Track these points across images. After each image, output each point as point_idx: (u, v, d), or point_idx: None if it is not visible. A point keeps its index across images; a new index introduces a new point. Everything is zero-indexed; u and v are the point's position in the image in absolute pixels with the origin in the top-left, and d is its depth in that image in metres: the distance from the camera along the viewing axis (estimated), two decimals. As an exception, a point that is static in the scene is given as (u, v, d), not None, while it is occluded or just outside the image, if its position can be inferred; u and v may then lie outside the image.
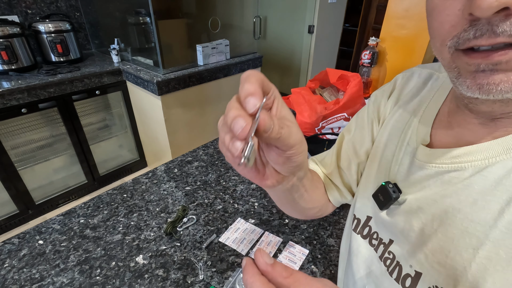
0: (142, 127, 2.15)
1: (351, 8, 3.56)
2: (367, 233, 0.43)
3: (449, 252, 0.30)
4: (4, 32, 1.61)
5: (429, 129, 0.36)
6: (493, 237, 0.26)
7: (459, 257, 0.29)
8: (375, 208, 0.40)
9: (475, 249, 0.28)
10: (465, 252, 0.29)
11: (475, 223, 0.28)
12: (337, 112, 1.10)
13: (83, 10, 2.15)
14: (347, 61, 4.08)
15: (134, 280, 0.61)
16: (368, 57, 1.44)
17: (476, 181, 0.28)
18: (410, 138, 0.38)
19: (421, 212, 0.33)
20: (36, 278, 0.62)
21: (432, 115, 0.37)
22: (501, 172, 0.27)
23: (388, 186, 0.37)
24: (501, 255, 0.26)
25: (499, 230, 0.26)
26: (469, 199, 0.29)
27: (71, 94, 1.75)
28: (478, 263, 0.27)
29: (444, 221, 0.31)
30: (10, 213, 1.79)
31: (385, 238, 0.40)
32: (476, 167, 0.29)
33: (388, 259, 0.39)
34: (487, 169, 0.28)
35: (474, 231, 0.28)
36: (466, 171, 0.29)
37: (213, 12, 2.07)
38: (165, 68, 1.75)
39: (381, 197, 0.38)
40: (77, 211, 0.79)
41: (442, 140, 0.34)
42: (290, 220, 0.77)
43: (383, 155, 0.42)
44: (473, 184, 0.29)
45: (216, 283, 0.61)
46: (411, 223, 0.34)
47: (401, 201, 0.36)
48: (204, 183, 0.90)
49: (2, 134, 1.60)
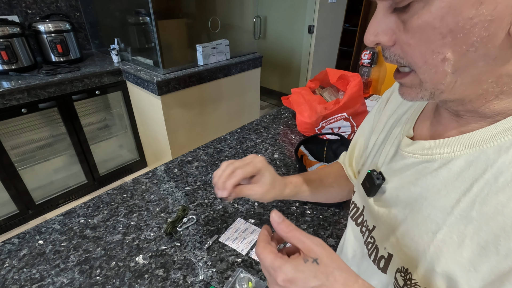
0: (142, 127, 2.15)
1: (351, 8, 3.56)
2: (360, 222, 0.47)
3: (414, 236, 0.33)
4: (4, 32, 1.61)
5: (413, 122, 0.39)
6: (449, 223, 0.30)
7: (421, 240, 0.32)
8: (365, 196, 0.44)
9: (433, 233, 0.31)
10: (426, 236, 0.32)
11: (436, 209, 0.31)
12: (337, 112, 1.09)
13: (83, 10, 2.15)
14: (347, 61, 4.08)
15: (134, 280, 0.61)
16: (368, 57, 1.44)
17: (442, 172, 0.31)
18: (399, 132, 0.41)
19: (398, 199, 0.37)
20: (36, 278, 0.62)
21: (419, 109, 0.40)
22: (463, 165, 0.29)
23: (373, 174, 0.40)
24: (454, 238, 0.29)
25: (454, 217, 0.29)
26: (434, 189, 0.32)
27: (71, 94, 1.75)
28: (435, 246, 0.31)
29: (413, 208, 0.34)
30: (10, 213, 1.79)
31: (370, 225, 0.43)
32: (443, 159, 0.31)
33: (370, 243, 0.42)
34: (452, 161, 0.31)
35: (434, 217, 0.31)
36: (435, 162, 0.32)
37: (213, 12, 2.07)
38: (165, 68, 1.75)
39: (367, 184, 0.42)
40: (77, 211, 0.79)
41: (422, 133, 0.37)
42: (290, 220, 0.77)
43: (379, 148, 0.45)
44: (439, 175, 0.31)
45: (216, 283, 0.61)
46: (390, 210, 0.38)
47: (384, 189, 0.39)
48: (204, 183, 0.90)
49: (2, 134, 1.60)
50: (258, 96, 2.44)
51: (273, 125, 1.25)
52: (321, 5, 2.90)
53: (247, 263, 0.65)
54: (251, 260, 0.66)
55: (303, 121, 1.12)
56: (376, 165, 0.43)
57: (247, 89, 2.29)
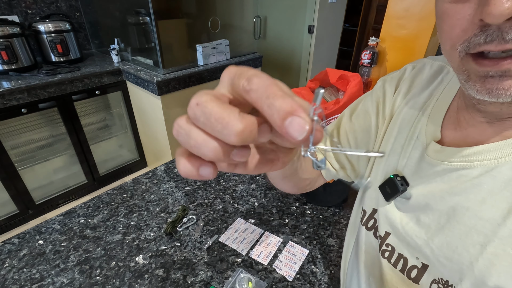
0: (142, 127, 2.15)
1: (351, 8, 3.56)
2: (371, 225, 0.44)
3: (456, 247, 0.31)
4: (4, 32, 1.61)
5: (439, 125, 0.36)
6: (501, 235, 0.27)
7: (466, 252, 0.30)
8: (381, 199, 0.41)
9: (482, 246, 0.29)
10: (472, 248, 0.30)
11: (483, 221, 0.29)
12: (337, 112, 1.09)
13: (83, 10, 2.15)
14: (347, 61, 4.08)
15: (134, 280, 0.61)
16: (368, 57, 1.44)
17: (485, 181, 0.29)
18: (419, 133, 0.38)
19: (428, 208, 0.34)
20: (36, 278, 0.62)
21: (443, 110, 0.37)
22: (510, 173, 0.27)
23: (396, 179, 0.38)
24: (509, 251, 0.27)
25: (507, 228, 0.27)
26: (477, 198, 0.29)
27: (71, 94, 1.75)
28: (485, 259, 0.28)
29: (452, 218, 0.32)
30: (10, 213, 1.79)
31: (382, 230, 0.41)
32: (485, 166, 0.29)
33: (387, 251, 0.40)
34: (496, 169, 0.28)
35: (482, 228, 0.29)
36: (475, 169, 0.30)
37: (213, 12, 2.07)
38: (165, 68, 1.75)
39: (388, 189, 0.39)
40: (77, 211, 0.79)
41: (451, 137, 0.34)
42: (290, 220, 0.77)
43: (392, 148, 0.42)
44: (482, 184, 0.29)
45: (216, 283, 0.61)
46: (419, 218, 0.35)
47: (408, 195, 0.37)
48: (204, 183, 0.90)
49: (2, 134, 1.60)
50: (258, 96, 2.44)
51: (273, 125, 1.25)
52: (321, 5, 2.90)
53: (247, 263, 0.65)
54: (251, 260, 0.66)
55: (303, 121, 1.11)
56: (394, 167, 0.40)
57: (247, 89, 2.29)
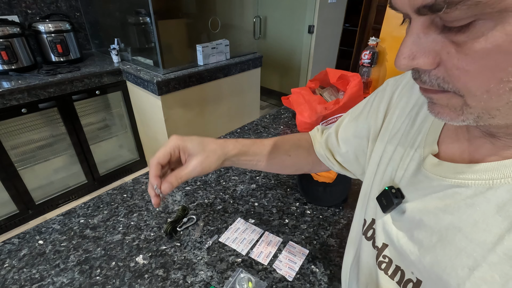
0: (142, 127, 2.16)
1: (351, 8, 3.56)
2: (370, 235, 0.44)
3: (445, 268, 0.30)
4: (4, 32, 1.62)
5: (436, 137, 0.36)
6: (490, 261, 0.27)
7: (455, 274, 0.29)
8: (379, 210, 0.41)
9: (471, 269, 0.28)
10: (461, 271, 0.29)
11: (474, 244, 0.28)
12: (337, 112, 1.10)
13: (83, 10, 2.15)
14: (347, 61, 4.08)
15: (134, 280, 0.61)
16: (368, 57, 1.44)
17: (478, 202, 0.28)
18: (418, 145, 0.37)
19: (422, 224, 0.34)
20: (36, 278, 0.62)
21: (441, 122, 0.36)
22: (505, 197, 0.26)
23: (391, 191, 0.37)
24: (496, 278, 0.26)
25: (497, 255, 0.26)
26: (470, 220, 0.29)
27: (71, 94, 1.75)
28: (473, 283, 0.28)
29: (444, 237, 0.31)
30: (10, 213, 1.79)
31: (380, 241, 0.40)
32: (479, 186, 0.28)
33: (384, 262, 0.39)
34: (490, 191, 0.27)
35: (472, 251, 0.28)
36: (469, 188, 0.29)
37: (213, 12, 2.07)
38: (165, 68, 1.75)
39: (384, 201, 0.39)
40: (77, 211, 0.79)
41: (448, 151, 0.34)
42: (290, 220, 0.77)
43: (392, 157, 0.41)
44: (475, 205, 0.28)
45: (216, 283, 0.61)
46: (412, 233, 0.35)
47: (403, 208, 0.37)
48: (204, 183, 0.90)
49: (2, 134, 1.60)
50: (258, 96, 2.44)
51: (273, 125, 1.25)
52: (321, 5, 2.90)
53: (247, 263, 0.65)
54: (251, 260, 0.66)
55: (303, 121, 1.12)
56: (391, 178, 0.40)
57: (247, 89, 2.29)
